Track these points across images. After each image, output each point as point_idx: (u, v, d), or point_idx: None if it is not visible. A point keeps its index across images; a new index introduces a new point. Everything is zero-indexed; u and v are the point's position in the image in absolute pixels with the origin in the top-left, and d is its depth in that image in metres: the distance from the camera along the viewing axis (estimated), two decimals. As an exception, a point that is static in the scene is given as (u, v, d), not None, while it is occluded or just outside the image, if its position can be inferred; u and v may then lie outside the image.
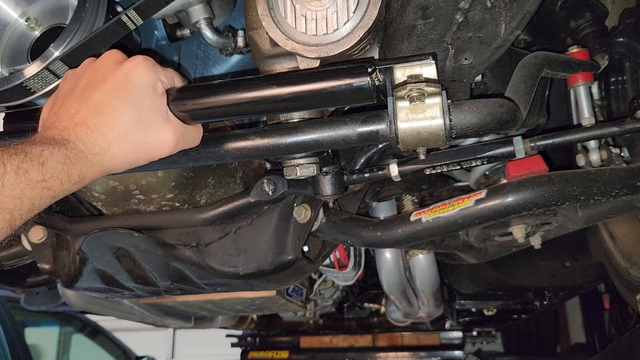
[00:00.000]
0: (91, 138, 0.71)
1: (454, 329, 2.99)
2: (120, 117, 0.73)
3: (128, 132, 0.73)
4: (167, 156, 0.77)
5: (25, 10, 0.99)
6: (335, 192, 0.97)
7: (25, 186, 0.64)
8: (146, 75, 0.75)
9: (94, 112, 0.73)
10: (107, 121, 0.72)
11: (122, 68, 0.75)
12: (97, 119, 0.72)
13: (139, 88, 0.74)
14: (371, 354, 2.96)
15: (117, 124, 0.73)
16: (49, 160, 0.66)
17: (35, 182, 0.65)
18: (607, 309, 3.12)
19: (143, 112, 0.74)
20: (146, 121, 0.75)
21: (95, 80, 0.76)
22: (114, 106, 0.73)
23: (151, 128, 0.75)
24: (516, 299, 2.59)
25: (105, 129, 0.72)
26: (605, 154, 1.09)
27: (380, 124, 0.78)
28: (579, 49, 1.12)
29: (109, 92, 0.74)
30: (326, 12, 0.79)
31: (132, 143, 0.74)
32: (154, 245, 1.09)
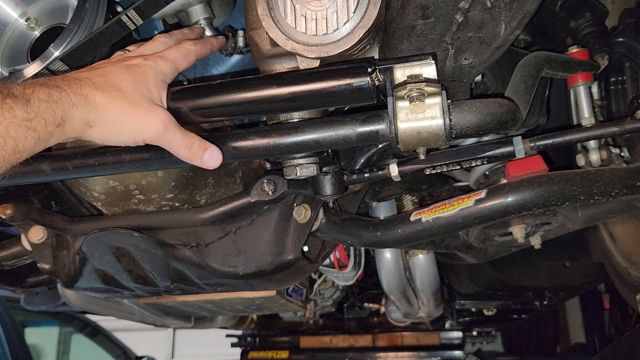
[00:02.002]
0: (78, 83, 0.70)
1: (454, 329, 2.99)
2: (117, 80, 0.74)
3: (120, 95, 0.73)
4: (157, 141, 0.76)
5: (25, 10, 0.99)
6: (335, 192, 0.97)
7: (9, 123, 0.61)
8: (164, 66, 0.79)
9: (90, 73, 0.74)
10: (101, 81, 0.72)
11: (145, 55, 0.79)
12: (91, 78, 0.72)
13: (157, 75, 0.77)
14: (371, 354, 2.96)
15: (110, 84, 0.73)
16: (32, 98, 0.64)
17: (20, 120, 0.62)
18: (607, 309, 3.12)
19: (145, 91, 0.75)
20: (142, 96, 0.75)
21: (111, 62, 0.78)
22: (114, 76, 0.74)
23: (145, 102, 0.75)
24: (516, 299, 2.59)
25: (96, 82, 0.72)
26: (605, 154, 1.09)
27: (380, 124, 0.78)
28: (579, 49, 1.12)
29: (115, 67, 0.76)
30: (326, 12, 0.79)
31: (120, 105, 0.72)
32: (154, 245, 1.09)
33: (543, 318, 3.42)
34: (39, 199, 1.16)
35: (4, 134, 0.61)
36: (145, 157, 0.83)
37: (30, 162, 0.88)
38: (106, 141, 0.74)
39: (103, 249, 1.12)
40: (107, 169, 0.86)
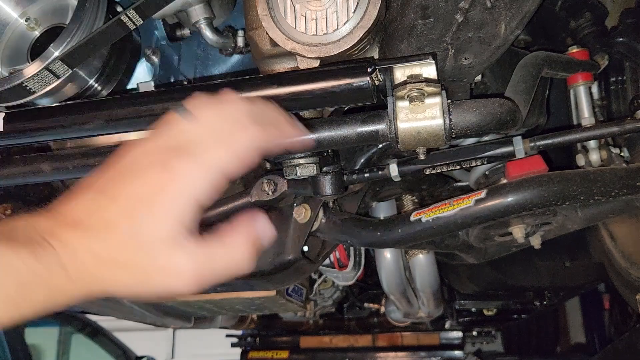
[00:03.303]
0: (86, 245, 0.53)
1: (453, 329, 2.99)
2: (142, 229, 0.54)
3: (140, 252, 0.54)
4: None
5: (25, 10, 0.99)
6: (335, 192, 0.97)
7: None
8: (201, 182, 0.56)
9: (104, 201, 0.55)
10: (115, 225, 0.54)
11: (180, 163, 0.56)
12: (102, 219, 0.54)
13: (189, 199, 0.56)
14: (371, 354, 2.96)
15: (129, 237, 0.54)
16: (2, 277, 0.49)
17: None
18: (607, 309, 3.12)
19: (167, 234, 0.55)
20: (166, 246, 0.55)
21: (146, 167, 0.56)
22: (137, 213, 0.54)
23: (167, 255, 0.55)
24: (516, 299, 2.59)
25: (110, 239, 0.54)
26: (605, 154, 1.09)
27: (380, 124, 0.78)
28: (579, 49, 1.12)
29: (144, 194, 0.55)
30: (326, 12, 0.79)
31: (137, 267, 0.55)
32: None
33: (543, 318, 3.42)
34: (38, 199, 1.16)
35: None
36: (145, 157, 0.83)
37: (31, 162, 0.88)
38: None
39: (103, 249, 1.12)
40: (107, 169, 0.86)
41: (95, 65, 0.96)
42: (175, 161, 0.56)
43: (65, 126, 0.84)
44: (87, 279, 0.54)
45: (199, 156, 0.56)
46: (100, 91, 0.99)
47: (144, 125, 0.84)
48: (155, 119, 0.80)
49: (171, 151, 0.57)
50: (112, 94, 1.00)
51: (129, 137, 0.95)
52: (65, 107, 0.85)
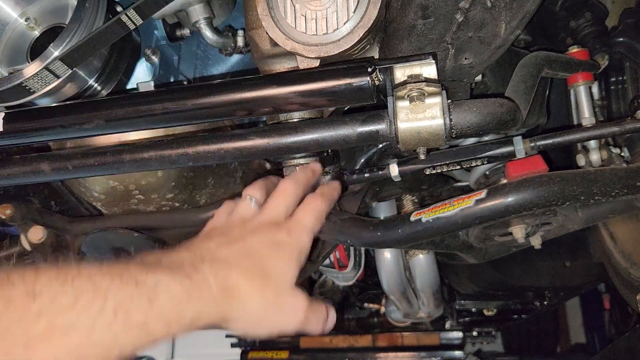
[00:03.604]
0: (222, 268, 0.62)
1: (454, 329, 2.99)
2: (266, 265, 0.66)
3: (267, 285, 0.65)
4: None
5: (24, 9, 0.99)
6: (335, 192, 0.96)
7: (120, 330, 0.51)
8: (307, 242, 0.73)
9: (240, 253, 0.66)
10: (250, 266, 0.65)
11: (287, 226, 0.73)
12: (240, 260, 0.65)
13: (293, 256, 0.70)
14: (371, 354, 2.96)
15: (259, 270, 0.65)
16: (160, 297, 0.54)
17: (135, 326, 0.52)
18: (607, 309, 3.12)
19: (288, 273, 0.68)
20: (287, 283, 0.67)
21: (247, 227, 0.72)
22: (263, 256, 0.67)
23: (289, 291, 0.67)
24: (516, 299, 2.59)
25: (244, 266, 0.64)
26: (606, 154, 1.09)
27: (380, 124, 0.77)
28: (579, 49, 1.12)
29: (262, 244, 0.69)
30: (326, 12, 0.79)
31: (265, 299, 0.64)
32: (154, 245, 1.09)
33: (543, 318, 3.42)
34: (38, 199, 1.16)
35: (109, 343, 0.50)
36: (145, 157, 0.83)
37: (30, 162, 0.88)
38: (235, 332, 0.69)
39: (103, 249, 1.12)
40: (107, 169, 0.86)
41: (95, 65, 0.96)
42: (292, 226, 0.74)
43: (65, 126, 0.84)
44: (226, 302, 0.61)
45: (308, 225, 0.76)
46: (100, 91, 0.99)
47: (144, 125, 0.84)
48: (155, 118, 0.81)
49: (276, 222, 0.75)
50: (112, 94, 1.00)
51: (129, 137, 0.96)
52: (65, 107, 0.85)
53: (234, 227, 0.73)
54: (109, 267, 0.54)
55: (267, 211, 0.77)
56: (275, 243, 0.70)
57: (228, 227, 0.74)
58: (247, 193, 0.80)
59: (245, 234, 0.71)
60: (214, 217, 0.81)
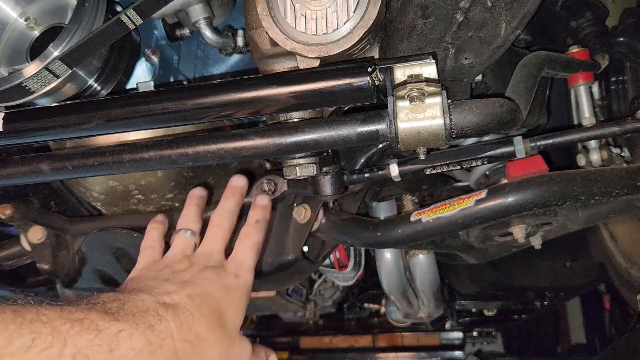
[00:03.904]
0: (189, 324, 0.63)
1: (454, 330, 2.99)
2: (221, 310, 0.68)
3: (223, 333, 0.67)
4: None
5: (24, 9, 0.99)
6: (335, 192, 0.96)
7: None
8: (252, 280, 0.77)
9: (199, 300, 0.67)
10: (209, 313, 0.67)
11: (233, 269, 0.76)
12: (200, 308, 0.66)
13: (243, 299, 0.74)
14: (371, 355, 2.96)
15: (217, 316, 0.67)
16: (121, 347, 0.54)
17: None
18: (607, 309, 3.12)
19: (239, 319, 0.72)
20: (236, 327, 0.70)
21: (194, 271, 0.73)
22: (218, 302, 0.69)
23: (237, 335, 0.70)
24: (516, 299, 2.59)
25: (205, 321, 0.65)
26: (606, 154, 1.09)
27: (380, 124, 0.77)
28: (580, 49, 1.12)
29: (215, 288, 0.71)
30: (326, 12, 0.78)
31: (221, 346, 0.66)
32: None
33: (543, 318, 3.41)
34: (38, 199, 1.16)
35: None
36: (145, 157, 0.83)
37: (30, 162, 0.88)
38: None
39: (102, 249, 1.12)
40: (106, 169, 0.86)
41: (94, 65, 0.96)
42: (237, 268, 0.78)
43: (65, 126, 0.84)
44: (187, 353, 0.61)
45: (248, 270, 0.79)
46: (99, 91, 0.99)
47: (144, 125, 0.84)
48: (155, 118, 0.81)
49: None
50: (112, 94, 1.00)
51: (128, 137, 0.96)
52: (65, 107, 0.85)
53: (181, 266, 0.75)
54: (69, 311, 0.53)
55: (207, 249, 0.80)
56: (225, 286, 0.72)
57: (175, 266, 0.75)
58: (183, 226, 0.83)
59: (195, 276, 0.72)
60: (145, 250, 0.83)
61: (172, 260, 0.78)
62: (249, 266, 0.80)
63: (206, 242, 0.82)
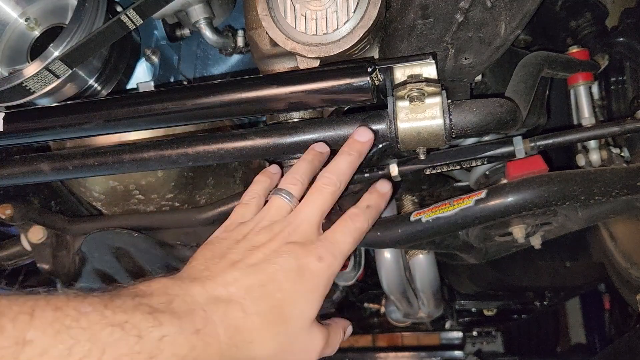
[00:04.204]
0: (240, 324, 0.57)
1: (454, 329, 2.99)
2: (287, 309, 0.61)
3: (282, 330, 0.60)
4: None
5: (24, 10, 0.99)
6: (335, 192, 0.96)
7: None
8: (338, 270, 0.66)
9: (258, 293, 0.60)
10: (267, 310, 0.60)
11: (320, 249, 0.65)
12: (256, 304, 0.59)
13: (318, 289, 0.63)
14: (371, 354, 2.96)
15: (276, 311, 0.60)
16: (164, 353, 0.51)
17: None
18: (607, 309, 3.12)
19: (308, 312, 0.63)
20: (307, 322, 0.62)
21: (271, 248, 0.64)
22: (284, 293, 0.61)
23: (306, 332, 0.63)
24: (516, 299, 2.59)
25: (259, 320, 0.59)
26: (606, 154, 1.09)
27: (380, 124, 0.77)
28: (579, 49, 1.12)
29: (285, 274, 0.62)
30: (326, 12, 0.78)
31: (277, 344, 0.60)
32: (154, 245, 1.09)
33: (543, 318, 3.42)
34: (38, 199, 1.16)
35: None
36: (145, 157, 0.83)
37: (30, 162, 0.88)
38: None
39: (103, 249, 1.12)
40: (107, 169, 0.86)
41: (95, 65, 0.96)
42: (326, 249, 0.66)
43: (64, 126, 0.84)
44: (233, 355, 0.57)
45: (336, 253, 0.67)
46: (100, 91, 0.99)
47: (144, 125, 0.84)
48: (155, 118, 0.81)
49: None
50: (112, 94, 1.00)
51: (128, 137, 0.96)
52: (65, 107, 0.85)
53: (260, 239, 0.66)
54: (113, 311, 0.51)
55: (298, 217, 0.68)
56: (300, 271, 0.62)
57: (253, 238, 0.67)
58: (284, 185, 0.72)
59: (269, 256, 0.63)
60: (239, 206, 0.73)
61: (254, 228, 0.68)
62: (342, 251, 0.67)
63: (299, 209, 0.69)
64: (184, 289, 0.58)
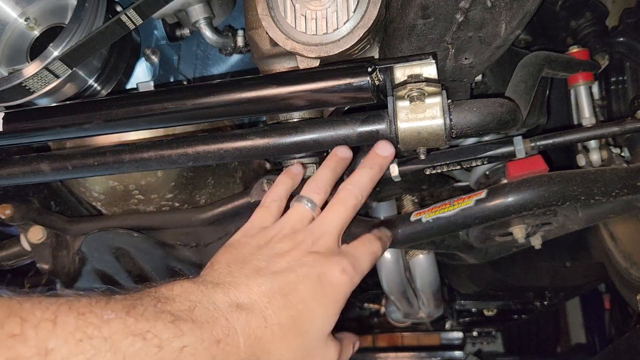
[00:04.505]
0: (260, 334, 0.57)
1: (454, 330, 2.99)
2: (307, 321, 0.61)
3: (300, 343, 0.60)
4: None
5: (24, 9, 0.99)
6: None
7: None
8: (355, 285, 0.65)
9: (281, 302, 0.60)
10: (288, 321, 0.59)
11: (343, 260, 0.65)
12: (278, 314, 0.59)
13: (338, 301, 0.63)
14: (371, 355, 2.96)
15: (294, 322, 0.60)
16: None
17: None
18: (607, 309, 3.12)
19: (327, 325, 0.63)
20: (324, 334, 0.62)
21: (294, 257, 0.64)
22: (305, 305, 0.61)
23: (323, 344, 0.63)
24: (516, 299, 2.59)
25: (279, 330, 0.59)
26: (606, 154, 1.09)
27: (380, 124, 0.77)
28: (580, 49, 1.12)
29: (307, 284, 0.62)
30: (326, 12, 0.78)
31: (294, 356, 0.60)
32: (154, 245, 1.09)
33: (543, 318, 3.42)
34: (38, 199, 1.16)
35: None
36: (145, 157, 0.83)
37: (30, 162, 0.88)
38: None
39: (103, 249, 1.12)
40: (107, 169, 0.86)
41: (94, 65, 0.96)
42: (348, 262, 0.66)
43: (64, 126, 0.84)
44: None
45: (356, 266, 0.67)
46: (99, 91, 0.99)
47: (144, 125, 0.84)
48: (155, 118, 0.81)
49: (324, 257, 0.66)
50: (112, 94, 1.00)
51: (128, 137, 0.96)
52: (65, 107, 0.85)
53: (282, 247, 0.66)
54: (136, 320, 0.51)
55: (320, 228, 0.68)
56: (321, 282, 0.62)
57: (275, 245, 0.66)
58: (306, 193, 0.72)
59: (291, 265, 0.63)
60: (260, 208, 0.73)
61: (277, 236, 0.68)
62: (362, 269, 0.68)
63: (322, 219, 0.70)
64: (207, 295, 0.58)
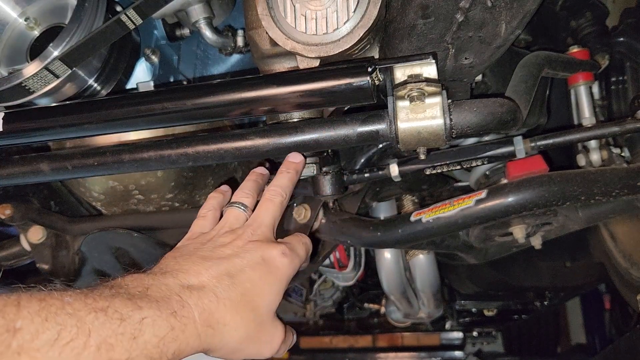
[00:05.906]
0: (213, 308, 0.61)
1: (454, 330, 2.98)
2: (255, 293, 0.65)
3: (251, 318, 0.64)
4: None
5: (24, 9, 0.99)
6: (335, 192, 0.96)
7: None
8: (295, 269, 0.72)
9: (229, 282, 0.64)
10: (237, 297, 0.64)
11: (282, 246, 0.71)
12: (228, 291, 0.63)
13: (282, 281, 0.69)
14: (371, 355, 2.96)
15: (247, 301, 0.64)
16: (145, 334, 0.54)
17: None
18: (607, 309, 3.12)
19: (274, 303, 0.68)
20: (271, 311, 0.67)
21: (237, 245, 0.70)
22: (253, 284, 0.66)
23: (271, 320, 0.67)
24: (517, 300, 2.59)
25: (231, 297, 0.63)
26: (606, 154, 1.09)
27: (380, 124, 0.77)
28: (580, 49, 1.12)
29: (253, 266, 0.67)
30: (326, 12, 0.78)
31: (247, 331, 0.64)
32: (154, 245, 1.09)
33: (544, 318, 3.41)
34: (38, 199, 1.16)
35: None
36: (145, 157, 0.83)
37: (30, 162, 0.88)
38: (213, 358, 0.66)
39: (102, 249, 1.12)
40: (106, 169, 0.86)
41: (94, 65, 0.96)
42: (287, 247, 0.72)
43: (64, 126, 0.84)
44: (209, 337, 0.61)
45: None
46: (99, 91, 0.99)
47: (144, 125, 0.84)
48: (155, 118, 0.81)
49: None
50: (112, 93, 1.00)
51: (128, 137, 0.95)
52: (65, 107, 0.85)
53: (224, 240, 0.72)
54: (94, 299, 0.53)
55: (256, 221, 0.76)
56: (266, 263, 0.69)
57: (217, 239, 0.72)
58: (237, 199, 0.80)
59: (235, 252, 0.69)
60: (197, 219, 0.80)
61: (217, 234, 0.74)
62: (299, 255, 0.74)
63: (255, 215, 0.77)
64: (158, 280, 0.61)
